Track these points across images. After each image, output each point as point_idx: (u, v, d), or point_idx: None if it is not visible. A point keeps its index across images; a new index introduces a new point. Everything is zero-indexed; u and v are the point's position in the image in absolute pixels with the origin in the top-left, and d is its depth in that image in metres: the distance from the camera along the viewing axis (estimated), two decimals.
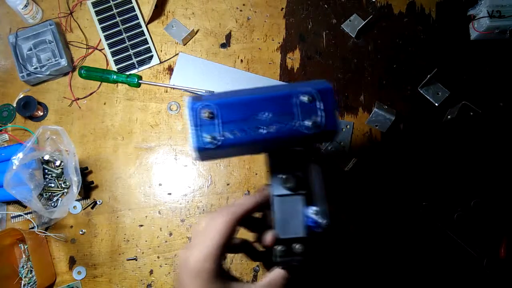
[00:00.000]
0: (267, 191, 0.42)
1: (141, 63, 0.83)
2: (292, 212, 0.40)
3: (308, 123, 0.37)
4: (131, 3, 0.85)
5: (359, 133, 0.79)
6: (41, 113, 0.81)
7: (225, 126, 0.37)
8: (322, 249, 0.44)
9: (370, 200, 0.76)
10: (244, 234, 0.45)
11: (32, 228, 0.73)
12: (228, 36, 0.84)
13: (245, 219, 0.42)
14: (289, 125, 0.37)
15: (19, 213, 0.76)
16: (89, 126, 0.80)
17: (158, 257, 0.75)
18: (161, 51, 0.84)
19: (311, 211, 0.40)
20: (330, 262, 0.47)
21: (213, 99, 0.37)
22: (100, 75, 0.81)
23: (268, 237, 0.41)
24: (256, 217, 0.45)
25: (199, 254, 0.37)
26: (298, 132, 0.37)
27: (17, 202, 0.76)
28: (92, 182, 0.77)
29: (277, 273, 0.41)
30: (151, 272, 0.74)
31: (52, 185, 0.75)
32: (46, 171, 0.75)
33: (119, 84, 0.82)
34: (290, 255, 0.40)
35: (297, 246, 0.40)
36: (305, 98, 0.37)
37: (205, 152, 0.37)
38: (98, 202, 0.77)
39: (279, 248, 0.40)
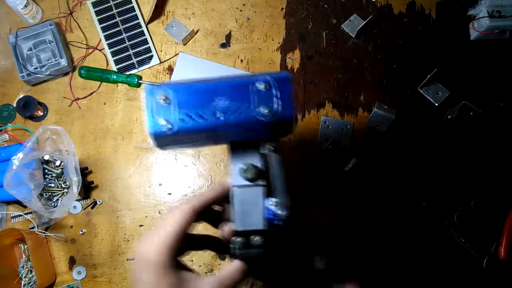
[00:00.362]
0: (227, 183, 0.42)
1: (141, 63, 0.83)
2: (252, 203, 0.40)
3: (264, 110, 0.37)
4: (131, 3, 0.85)
5: (359, 133, 0.79)
6: (41, 113, 0.81)
7: (181, 111, 0.37)
8: (282, 242, 0.44)
9: (370, 200, 0.76)
10: (210, 230, 0.44)
11: (32, 228, 0.73)
12: (228, 36, 0.84)
13: (207, 214, 0.42)
14: (245, 111, 0.37)
15: (19, 213, 0.76)
16: (89, 126, 0.80)
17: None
18: (161, 51, 0.84)
19: (271, 202, 0.40)
20: (292, 255, 0.46)
21: (170, 85, 0.37)
22: (100, 75, 0.81)
23: (225, 229, 0.41)
24: (217, 211, 0.44)
25: (152, 246, 0.37)
26: (255, 119, 0.37)
27: (17, 202, 0.76)
28: (92, 182, 0.77)
29: (234, 265, 0.40)
30: None
31: (52, 185, 0.75)
32: (46, 171, 0.75)
33: (119, 84, 0.82)
34: (249, 247, 0.39)
35: (256, 239, 0.39)
36: (261, 86, 0.37)
37: (161, 138, 0.37)
38: (98, 202, 0.77)
39: (237, 240, 0.39)
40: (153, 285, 0.37)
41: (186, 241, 0.43)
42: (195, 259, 0.74)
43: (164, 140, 0.38)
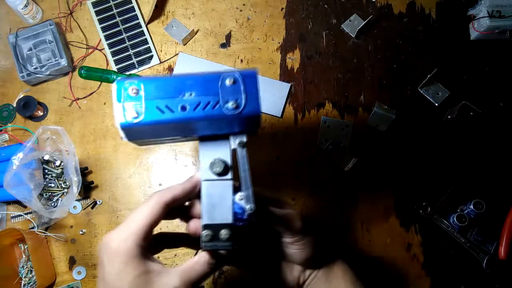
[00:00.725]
0: (196, 179, 0.42)
1: (141, 63, 0.83)
2: (220, 198, 0.41)
3: (231, 104, 0.38)
4: (131, 3, 0.85)
5: (359, 133, 0.79)
6: (41, 113, 0.81)
7: (149, 102, 0.37)
8: (249, 235, 0.45)
9: (370, 200, 0.76)
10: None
11: (32, 228, 0.73)
12: (228, 36, 0.84)
13: (180, 210, 0.43)
14: (213, 105, 0.38)
15: (19, 213, 0.76)
16: (89, 126, 0.80)
17: (158, 257, 0.75)
18: (161, 51, 0.84)
19: (238, 196, 0.41)
20: (259, 248, 0.48)
21: (140, 78, 0.38)
22: (100, 75, 0.81)
23: (191, 225, 0.41)
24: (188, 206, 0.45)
25: (120, 235, 0.38)
26: (222, 113, 0.38)
27: (17, 202, 0.76)
28: (92, 182, 0.77)
29: (200, 257, 0.40)
30: None
31: (52, 185, 0.75)
32: (46, 171, 0.75)
33: None
34: (217, 240, 0.40)
35: (224, 232, 0.40)
36: (229, 81, 0.38)
37: (130, 129, 0.38)
38: (98, 202, 0.77)
39: (205, 233, 0.40)
40: (119, 274, 0.36)
41: (159, 240, 0.44)
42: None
43: (132, 131, 0.39)
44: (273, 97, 0.80)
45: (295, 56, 0.83)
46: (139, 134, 0.41)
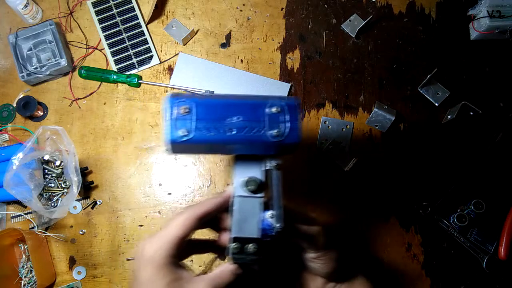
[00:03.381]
0: (228, 194, 0.45)
1: (141, 63, 0.83)
2: (249, 213, 0.43)
3: (273, 131, 0.41)
4: (131, 3, 0.85)
5: (359, 133, 0.79)
6: (41, 113, 0.81)
7: (199, 122, 0.40)
8: (274, 251, 0.48)
9: (370, 200, 0.76)
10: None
11: (32, 228, 0.73)
12: (228, 36, 0.84)
13: (210, 221, 0.45)
14: (256, 130, 0.41)
15: (19, 213, 0.76)
16: (89, 126, 0.80)
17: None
18: (161, 51, 0.84)
19: (268, 214, 0.43)
20: (282, 264, 0.50)
21: (192, 98, 0.41)
22: (100, 75, 0.81)
23: (222, 237, 0.44)
24: (218, 218, 0.47)
25: (154, 244, 0.40)
26: (264, 138, 0.41)
27: (17, 202, 0.76)
28: (92, 182, 0.77)
29: (227, 267, 0.43)
30: None
31: (52, 185, 0.75)
32: (46, 171, 0.75)
33: (119, 84, 0.82)
34: (243, 253, 0.42)
35: (251, 246, 0.42)
36: (274, 109, 0.41)
37: (178, 145, 0.40)
38: (98, 202, 0.77)
39: (233, 245, 0.42)
40: (151, 280, 0.39)
41: (188, 246, 0.45)
42: (195, 258, 0.74)
43: (179, 147, 0.41)
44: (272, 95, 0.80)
45: (295, 56, 0.83)
46: (183, 149, 0.43)
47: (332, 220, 0.76)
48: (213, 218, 0.46)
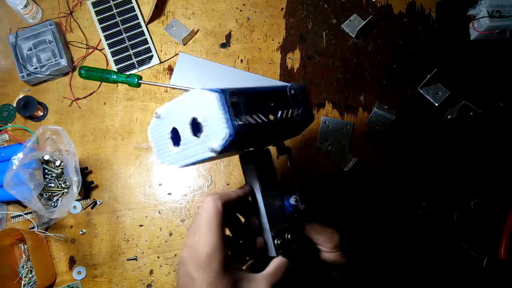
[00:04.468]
0: (248, 188, 0.45)
1: (141, 63, 0.83)
2: (275, 205, 0.45)
3: (298, 111, 0.44)
4: (131, 3, 0.85)
5: (359, 133, 0.79)
6: (41, 113, 0.81)
7: (249, 111, 0.39)
8: (303, 239, 0.49)
9: (370, 200, 0.76)
10: None
11: (32, 228, 0.73)
12: (228, 36, 0.84)
13: (232, 221, 0.45)
14: (286, 113, 0.43)
15: (19, 213, 0.76)
16: (89, 126, 0.80)
17: (158, 257, 0.75)
18: (161, 51, 0.84)
19: (292, 199, 0.45)
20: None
21: (238, 89, 0.40)
22: (100, 75, 0.81)
23: (258, 241, 0.44)
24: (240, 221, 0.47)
25: (207, 244, 0.37)
26: (292, 119, 0.44)
27: (17, 202, 0.76)
28: (92, 182, 0.77)
29: (279, 261, 0.43)
30: (151, 272, 0.74)
31: (52, 185, 0.75)
32: (46, 171, 0.75)
33: (119, 84, 0.82)
34: (286, 245, 0.44)
35: (288, 235, 0.44)
36: (293, 92, 0.45)
37: (235, 139, 0.37)
38: (98, 202, 0.77)
39: (277, 241, 0.43)
40: (212, 285, 0.37)
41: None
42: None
43: (239, 139, 0.38)
44: None
45: (295, 56, 0.83)
46: (236, 144, 0.40)
47: (331, 220, 0.76)
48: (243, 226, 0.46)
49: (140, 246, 0.75)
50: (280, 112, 0.42)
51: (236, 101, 0.38)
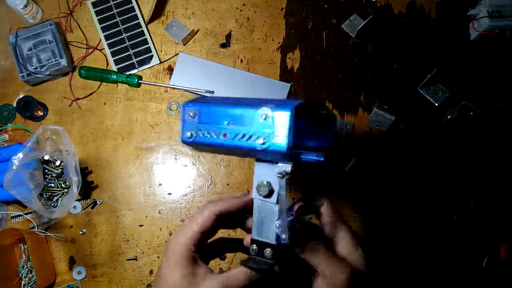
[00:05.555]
0: (250, 197, 0.45)
1: (141, 63, 0.83)
2: (267, 218, 0.42)
3: (259, 139, 0.38)
4: (131, 3, 0.85)
5: (359, 133, 0.79)
6: (41, 113, 0.81)
7: (201, 125, 0.42)
8: (288, 261, 0.45)
9: (370, 200, 0.76)
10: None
11: (32, 228, 0.73)
12: (228, 36, 0.84)
13: (239, 220, 0.47)
14: (246, 137, 0.39)
15: (19, 213, 0.76)
16: (89, 126, 0.80)
17: (158, 257, 0.75)
18: (161, 51, 0.84)
19: (276, 224, 0.41)
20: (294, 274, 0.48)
21: (200, 103, 0.42)
22: (100, 75, 0.81)
23: (246, 238, 0.44)
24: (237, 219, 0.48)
25: (178, 237, 0.43)
26: (252, 145, 0.39)
27: (17, 202, 0.76)
28: (92, 182, 0.77)
29: (241, 269, 0.43)
30: (151, 272, 0.74)
31: (52, 185, 0.75)
32: (46, 171, 0.75)
33: (119, 84, 0.82)
34: (261, 256, 0.41)
35: (267, 251, 0.41)
36: (261, 117, 0.38)
37: (189, 145, 0.43)
38: (98, 202, 0.77)
39: (252, 247, 0.42)
40: (170, 270, 0.41)
41: (219, 245, 0.49)
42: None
43: (191, 146, 0.44)
44: (273, 97, 0.80)
45: (295, 56, 0.83)
46: (197, 148, 0.45)
47: None
48: (239, 217, 0.47)
49: (140, 246, 0.75)
50: (235, 135, 0.41)
51: (194, 115, 0.43)
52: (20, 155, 0.67)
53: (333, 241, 0.44)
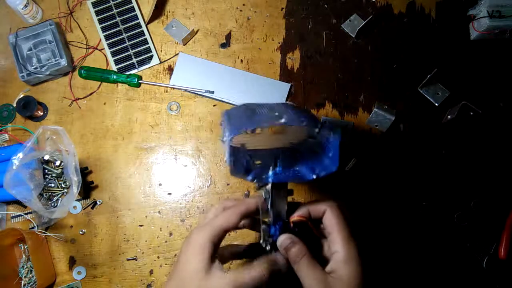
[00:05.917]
0: (257, 200, 0.48)
1: (141, 63, 0.83)
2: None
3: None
4: (131, 3, 0.85)
5: (359, 133, 0.79)
6: (41, 113, 0.81)
7: (229, 132, 0.46)
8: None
9: (370, 200, 0.76)
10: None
11: (32, 228, 0.73)
12: (228, 36, 0.84)
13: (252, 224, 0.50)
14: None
15: (19, 213, 0.76)
16: (89, 126, 0.80)
17: (158, 257, 0.75)
18: (161, 51, 0.84)
19: (263, 226, 0.47)
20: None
21: (227, 111, 0.50)
22: (100, 75, 0.81)
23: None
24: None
25: (201, 231, 0.44)
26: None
27: (17, 202, 0.76)
28: (92, 182, 0.77)
29: (255, 269, 0.44)
30: (151, 272, 0.74)
31: (52, 185, 0.75)
32: (46, 171, 0.75)
33: (119, 84, 0.82)
34: (268, 237, 0.46)
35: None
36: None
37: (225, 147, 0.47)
38: (98, 202, 0.77)
39: (263, 227, 0.47)
40: (188, 262, 0.43)
41: (229, 250, 0.51)
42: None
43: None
44: (273, 97, 0.80)
45: (295, 56, 0.83)
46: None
47: None
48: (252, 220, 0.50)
49: (140, 246, 0.75)
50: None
51: (222, 123, 0.49)
52: (20, 155, 0.67)
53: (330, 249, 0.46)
